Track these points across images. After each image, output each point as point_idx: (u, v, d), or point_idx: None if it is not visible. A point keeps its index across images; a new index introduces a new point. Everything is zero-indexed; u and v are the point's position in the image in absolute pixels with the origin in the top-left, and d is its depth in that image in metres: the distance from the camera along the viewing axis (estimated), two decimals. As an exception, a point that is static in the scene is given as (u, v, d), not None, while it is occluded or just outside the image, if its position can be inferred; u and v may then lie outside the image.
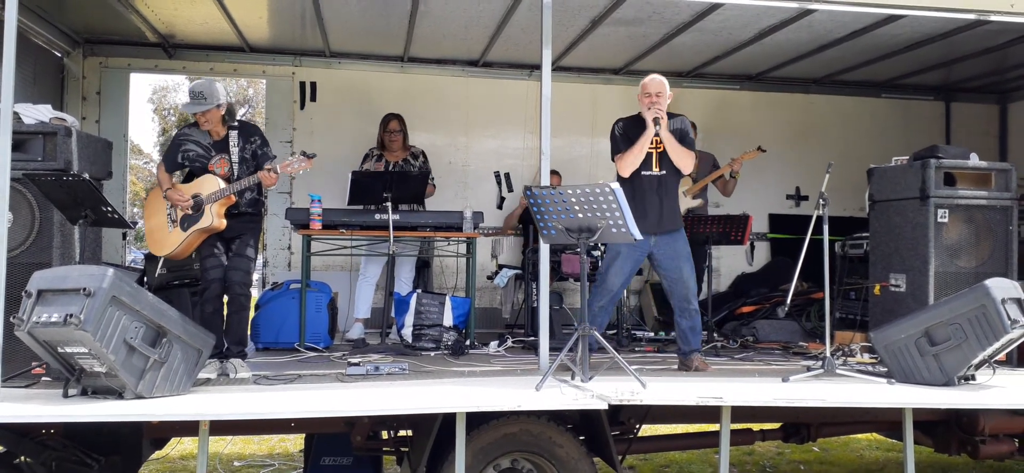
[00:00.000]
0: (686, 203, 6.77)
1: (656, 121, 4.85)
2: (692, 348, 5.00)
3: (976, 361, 4.35)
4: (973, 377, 4.45)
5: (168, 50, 7.10)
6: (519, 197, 6.99)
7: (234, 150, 4.79)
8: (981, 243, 5.26)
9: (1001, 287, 4.28)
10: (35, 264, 4.14)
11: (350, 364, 4.80)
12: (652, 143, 4.94)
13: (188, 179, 4.93)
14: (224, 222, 4.70)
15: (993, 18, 4.92)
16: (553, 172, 7.03)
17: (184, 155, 4.83)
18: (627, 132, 5.02)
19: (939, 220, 5.18)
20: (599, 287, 5.03)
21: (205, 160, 4.80)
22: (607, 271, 5.00)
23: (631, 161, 4.92)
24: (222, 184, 4.70)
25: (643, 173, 4.95)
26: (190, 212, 4.73)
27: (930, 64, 7.25)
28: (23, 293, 3.66)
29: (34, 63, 6.30)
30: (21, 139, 4.28)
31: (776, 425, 5.19)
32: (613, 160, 5.06)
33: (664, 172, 4.97)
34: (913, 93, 8.23)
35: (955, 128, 8.33)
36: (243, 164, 4.80)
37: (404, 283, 6.47)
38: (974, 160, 5.37)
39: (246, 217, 4.88)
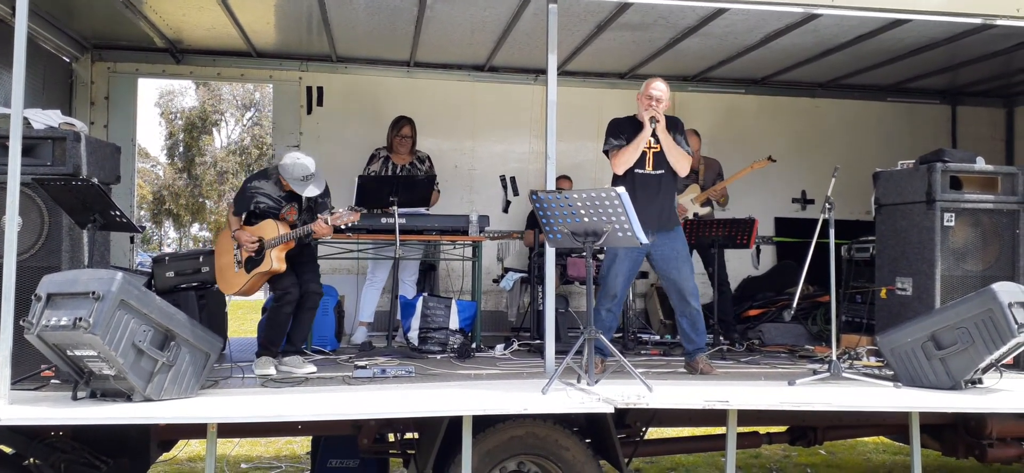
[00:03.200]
0: (694, 209, 6.78)
1: (652, 119, 4.90)
2: (696, 347, 5.02)
3: (983, 365, 4.34)
4: (980, 381, 4.45)
5: (176, 55, 7.14)
6: (525, 201, 7.00)
7: (303, 199, 4.99)
8: (988, 247, 5.25)
9: (1008, 291, 4.27)
10: (44, 268, 4.18)
11: (357, 367, 4.83)
12: (648, 144, 4.99)
13: (249, 220, 5.08)
14: (284, 266, 4.85)
15: (999, 22, 4.91)
16: (565, 177, 7.05)
17: (256, 205, 4.99)
18: (622, 129, 5.08)
19: (945, 224, 5.18)
20: (602, 292, 5.04)
21: (276, 211, 4.96)
22: (607, 274, 5.02)
23: (626, 158, 4.98)
24: (283, 230, 4.84)
25: (638, 172, 5.00)
26: (253, 255, 4.89)
27: (936, 68, 7.24)
28: (33, 296, 3.69)
29: (43, 69, 6.34)
30: (31, 144, 4.31)
31: (782, 428, 5.19)
32: (605, 154, 5.12)
33: (661, 172, 5.02)
34: (919, 97, 8.22)
35: (961, 132, 8.31)
36: (309, 213, 5.01)
37: (408, 286, 6.49)
38: (980, 164, 5.36)
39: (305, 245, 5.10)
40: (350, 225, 5.06)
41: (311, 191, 4.89)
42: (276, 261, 4.80)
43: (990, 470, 6.31)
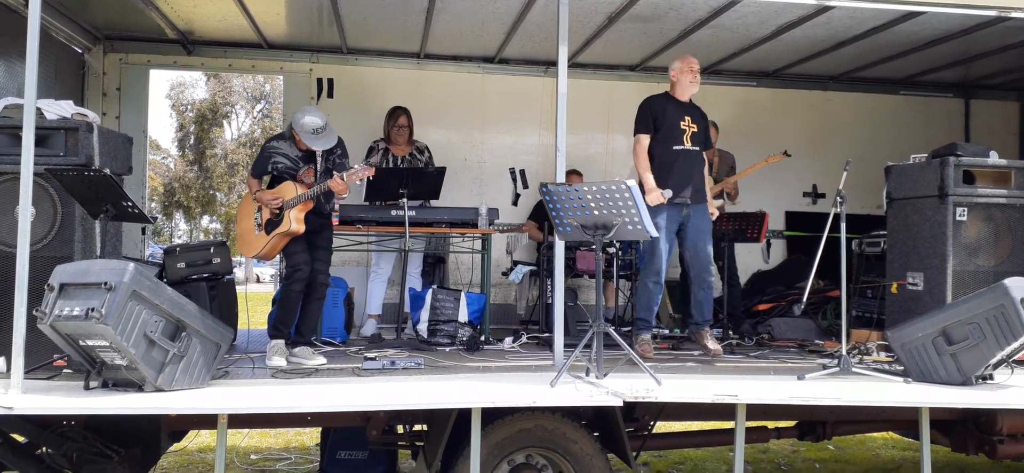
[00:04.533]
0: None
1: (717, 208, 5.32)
2: (705, 318, 5.25)
3: (994, 360, 4.32)
4: (991, 377, 4.42)
5: (187, 47, 7.17)
6: (534, 194, 6.99)
7: (319, 161, 5.01)
8: (1000, 242, 5.21)
9: (1020, 286, 4.24)
10: (57, 258, 4.20)
11: (366, 359, 4.84)
12: (686, 121, 5.21)
13: (271, 185, 5.11)
14: (303, 227, 4.89)
15: (1014, 14, 4.88)
16: (575, 172, 7.04)
17: (273, 166, 5.03)
18: (652, 112, 5.23)
19: (958, 218, 5.15)
20: (647, 265, 5.21)
21: (294, 172, 4.99)
22: (653, 248, 5.13)
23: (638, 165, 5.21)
24: (300, 190, 4.88)
25: (675, 149, 5.18)
26: (275, 214, 4.94)
27: (949, 61, 7.19)
28: (45, 287, 3.71)
29: (56, 60, 6.37)
30: (44, 134, 4.33)
31: (791, 423, 5.18)
32: (635, 135, 5.29)
33: (697, 147, 5.24)
34: (932, 90, 8.16)
35: (975, 125, 8.26)
36: (327, 173, 5.01)
37: (413, 278, 6.51)
38: (994, 158, 5.32)
39: (324, 216, 5.11)
40: (364, 181, 5.04)
41: (322, 144, 4.90)
42: (295, 222, 4.85)
43: (1000, 467, 6.28)
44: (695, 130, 5.21)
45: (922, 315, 4.60)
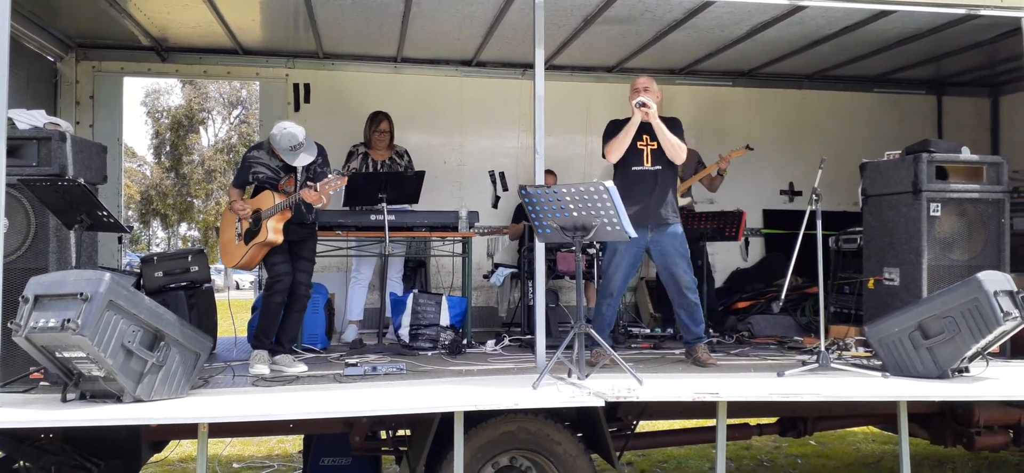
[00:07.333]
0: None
1: (640, 104, 4.91)
2: (695, 337, 5.07)
3: (969, 353, 4.38)
4: (967, 369, 4.49)
5: (161, 53, 7.10)
6: (514, 196, 7.01)
7: (299, 170, 4.95)
8: (973, 236, 5.29)
9: (993, 280, 4.31)
10: (31, 269, 4.15)
11: (348, 365, 4.82)
12: (644, 140, 5.01)
13: (254, 195, 5.09)
14: (281, 237, 4.84)
15: (983, 12, 4.96)
16: (549, 172, 7.05)
17: (254, 176, 4.99)
18: (617, 129, 5.09)
19: (931, 214, 5.21)
20: (602, 288, 5.07)
21: (275, 181, 4.95)
22: (608, 269, 5.04)
23: (617, 145, 4.99)
24: (279, 199, 4.84)
25: (635, 169, 5.03)
26: (250, 225, 4.92)
27: (921, 59, 7.29)
28: (20, 298, 3.66)
29: (27, 68, 6.30)
30: (16, 145, 4.28)
31: (773, 419, 5.22)
32: (603, 155, 5.13)
33: (658, 167, 5.04)
34: (905, 87, 8.26)
35: (947, 122, 8.37)
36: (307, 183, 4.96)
37: (395, 283, 6.49)
38: (966, 154, 5.40)
39: (308, 226, 5.07)
40: (337, 190, 5.00)
41: (302, 160, 4.85)
42: (272, 232, 4.80)
43: (978, 458, 6.37)
44: (655, 147, 5.00)
45: (898, 310, 4.66)
